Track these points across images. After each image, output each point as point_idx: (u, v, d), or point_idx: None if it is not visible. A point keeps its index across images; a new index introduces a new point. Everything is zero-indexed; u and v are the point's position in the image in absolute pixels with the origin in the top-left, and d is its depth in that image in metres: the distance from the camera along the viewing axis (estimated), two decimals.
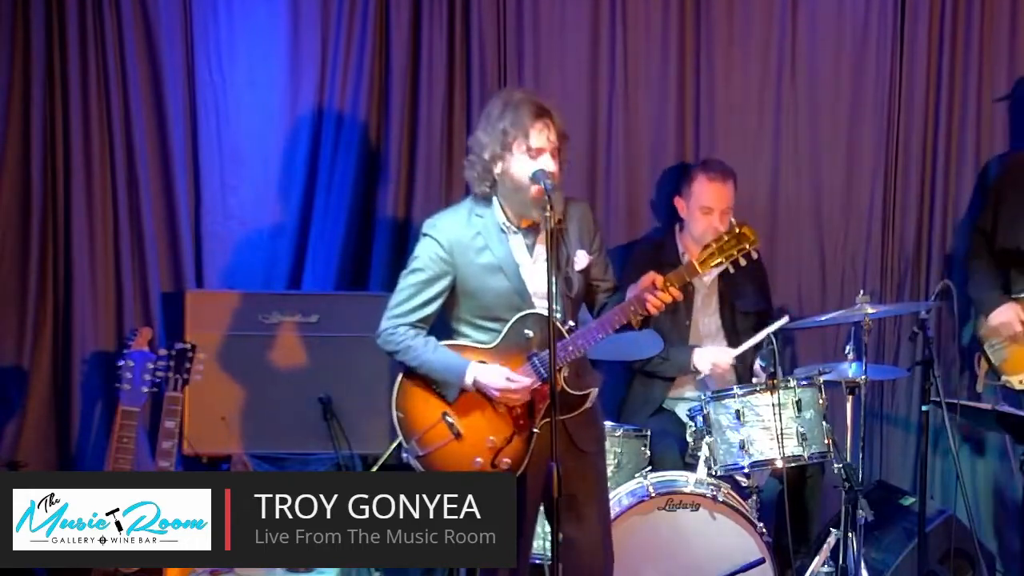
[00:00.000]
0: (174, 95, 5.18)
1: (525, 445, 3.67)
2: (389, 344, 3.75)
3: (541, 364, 3.64)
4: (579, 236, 3.74)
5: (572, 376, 3.69)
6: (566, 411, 3.65)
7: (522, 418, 3.67)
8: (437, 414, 3.72)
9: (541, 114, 3.61)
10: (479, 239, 3.68)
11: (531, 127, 3.58)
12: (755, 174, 5.30)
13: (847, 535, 4.46)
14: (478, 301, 3.69)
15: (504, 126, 3.58)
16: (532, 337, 3.66)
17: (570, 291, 3.68)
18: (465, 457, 3.69)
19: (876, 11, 5.29)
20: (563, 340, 3.61)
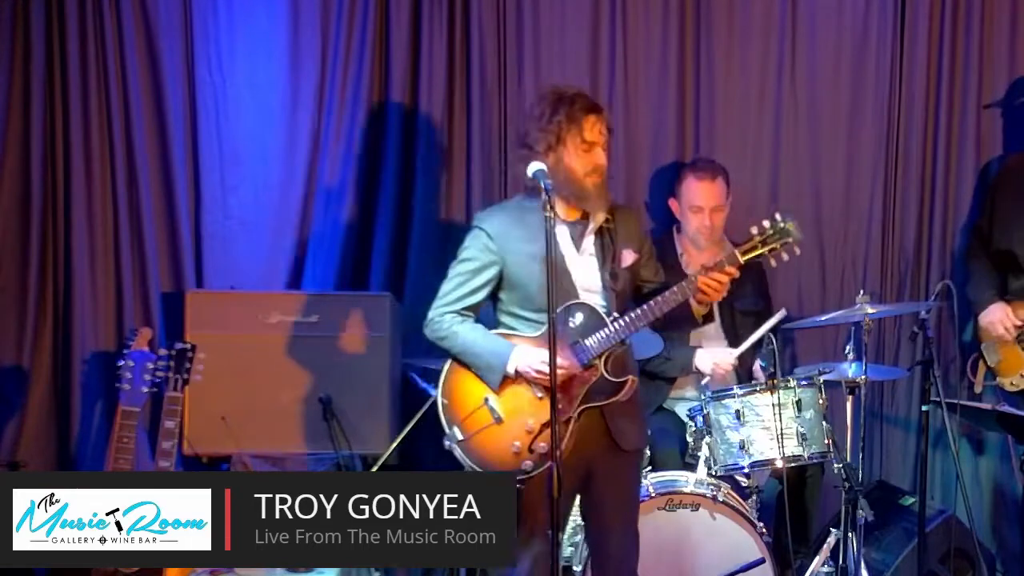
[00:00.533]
0: (174, 95, 5.18)
1: (562, 430, 3.71)
2: (436, 331, 3.83)
3: (583, 350, 3.71)
4: (627, 237, 3.84)
5: (612, 363, 3.76)
6: (603, 397, 3.74)
7: (560, 403, 3.70)
8: (480, 399, 3.77)
9: (594, 109, 3.74)
10: (526, 229, 3.73)
11: (585, 121, 3.70)
12: (755, 174, 5.30)
13: (847, 535, 4.46)
14: (524, 292, 3.75)
15: (559, 119, 3.68)
16: (576, 326, 3.74)
17: (615, 285, 3.77)
18: (504, 441, 3.73)
19: (876, 11, 5.29)
20: (605, 327, 3.71)
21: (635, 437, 3.89)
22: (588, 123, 3.70)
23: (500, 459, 3.74)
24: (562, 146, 3.70)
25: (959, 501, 4.73)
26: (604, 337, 3.70)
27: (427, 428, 4.90)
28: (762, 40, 5.30)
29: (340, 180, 5.24)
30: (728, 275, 3.69)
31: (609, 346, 3.72)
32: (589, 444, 3.76)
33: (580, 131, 3.70)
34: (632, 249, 3.83)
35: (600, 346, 3.71)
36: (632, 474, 3.91)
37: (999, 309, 4.96)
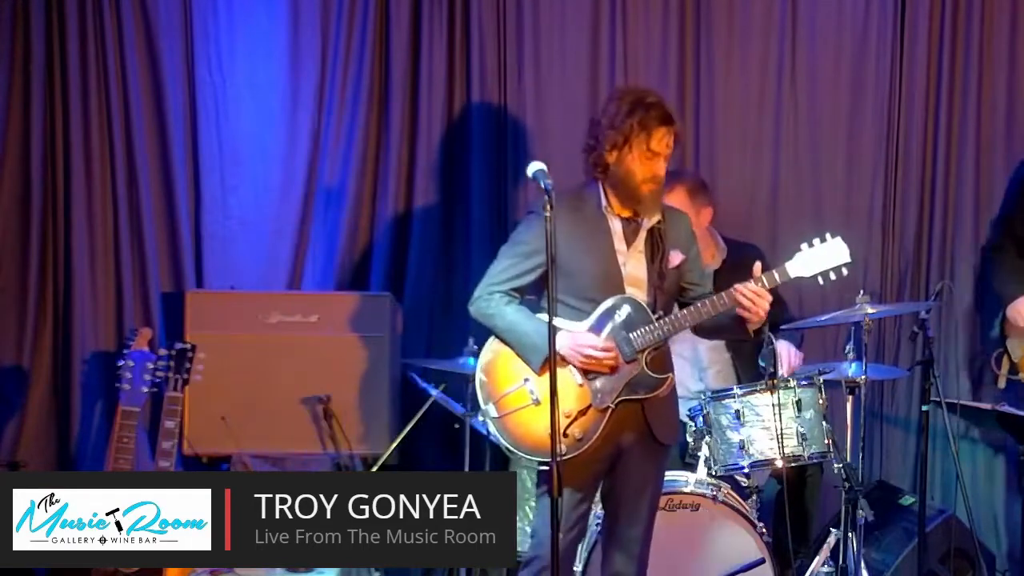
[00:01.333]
0: (174, 95, 5.18)
1: (599, 419, 3.74)
2: (483, 309, 3.85)
3: (627, 344, 3.74)
4: (676, 239, 3.87)
5: (654, 359, 3.79)
6: (643, 392, 3.77)
7: (600, 392, 3.75)
8: (519, 379, 3.79)
9: (668, 122, 3.74)
10: (583, 222, 3.77)
11: (656, 130, 3.71)
12: (755, 174, 5.30)
13: (847, 535, 4.46)
14: (573, 280, 3.76)
15: (633, 122, 3.70)
16: (623, 319, 3.76)
17: (661, 284, 3.80)
18: (539, 423, 3.73)
19: (876, 11, 5.29)
20: (650, 323, 3.74)
21: (671, 431, 3.92)
22: (658, 134, 3.72)
23: (534, 440, 3.74)
24: (627, 148, 3.72)
25: (959, 501, 4.73)
26: (649, 333, 3.74)
27: (427, 428, 4.92)
28: (762, 40, 5.30)
29: (340, 180, 5.24)
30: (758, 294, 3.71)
31: (653, 342, 3.75)
32: (624, 431, 3.79)
33: (648, 139, 3.71)
34: (680, 251, 3.86)
35: (644, 341, 3.74)
36: (661, 466, 3.93)
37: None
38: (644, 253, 3.80)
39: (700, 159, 5.27)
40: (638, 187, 3.74)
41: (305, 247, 5.26)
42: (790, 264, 3.80)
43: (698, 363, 4.90)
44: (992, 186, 5.31)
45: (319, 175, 5.25)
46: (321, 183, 5.25)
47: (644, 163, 3.72)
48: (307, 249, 5.26)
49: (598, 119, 3.80)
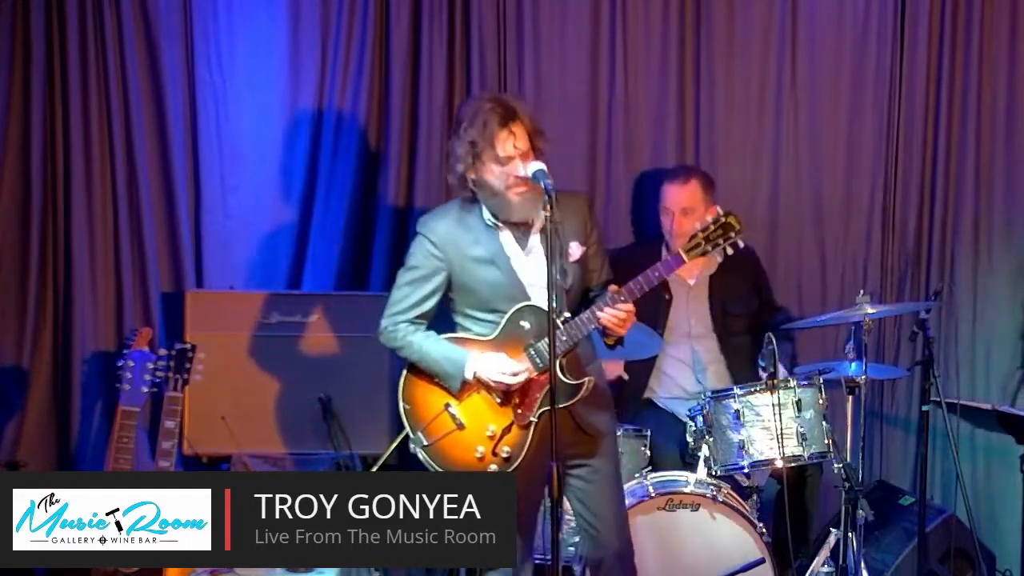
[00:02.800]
0: (174, 95, 5.18)
1: (524, 434, 3.72)
2: (391, 341, 3.83)
3: (538, 355, 3.70)
4: (574, 229, 3.77)
5: (569, 364, 3.72)
6: (563, 400, 3.68)
7: (520, 407, 3.73)
8: (440, 405, 3.77)
9: (506, 121, 3.63)
10: (469, 234, 3.74)
11: (496, 137, 3.61)
12: (755, 174, 5.30)
13: (847, 535, 4.46)
14: (474, 295, 3.75)
15: (472, 137, 3.63)
16: (529, 328, 3.72)
17: (565, 282, 3.71)
18: (468, 446, 3.74)
19: (876, 11, 5.29)
20: (557, 330, 3.61)
21: (605, 424, 3.86)
22: (500, 138, 3.61)
23: (465, 464, 3.74)
24: (479, 161, 3.65)
25: (959, 501, 4.73)
26: (556, 338, 3.58)
27: None
28: (762, 40, 5.30)
29: (340, 180, 5.24)
30: (626, 312, 3.64)
31: (562, 349, 3.66)
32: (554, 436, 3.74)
33: (493, 148, 3.62)
34: (579, 242, 3.78)
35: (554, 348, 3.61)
36: (608, 455, 3.87)
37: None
38: (542, 253, 3.65)
39: (700, 160, 5.27)
40: (504, 194, 3.66)
41: (305, 247, 5.26)
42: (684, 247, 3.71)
43: (696, 364, 4.90)
44: (992, 186, 5.31)
45: (319, 175, 5.25)
46: (321, 183, 5.24)
47: (499, 171, 3.64)
48: (307, 249, 5.26)
49: (449, 143, 3.74)
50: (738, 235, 3.73)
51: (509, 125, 3.63)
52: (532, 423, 3.72)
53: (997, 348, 5.32)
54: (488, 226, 3.75)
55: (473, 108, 3.68)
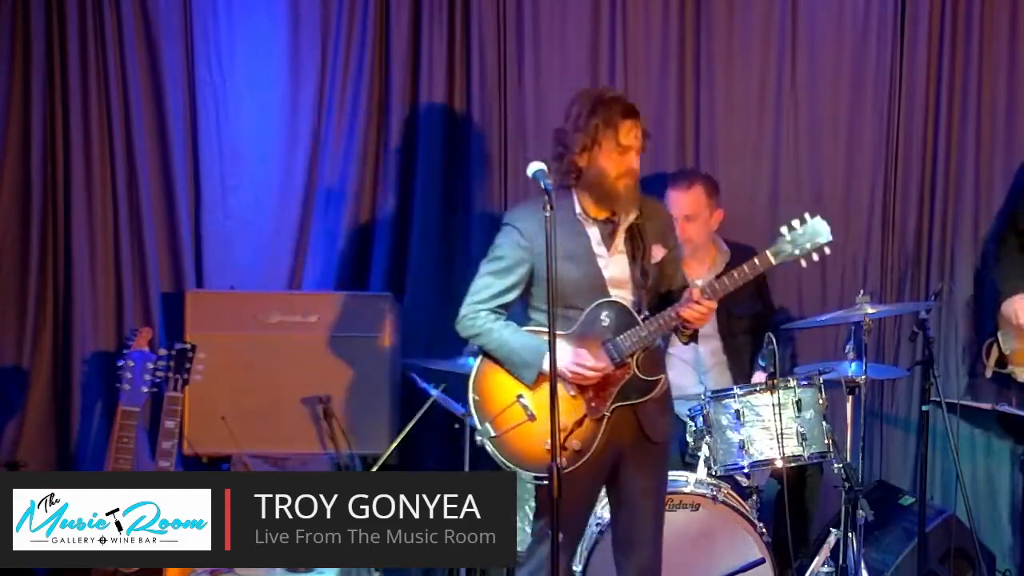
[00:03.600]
0: (174, 95, 5.18)
1: (596, 428, 3.74)
2: (470, 329, 3.84)
3: (615, 349, 3.73)
4: (655, 232, 3.86)
5: (645, 362, 3.78)
6: (636, 396, 3.76)
7: (594, 401, 3.74)
8: (512, 396, 3.78)
9: (631, 114, 3.75)
10: (558, 228, 3.71)
11: (621, 125, 3.72)
12: (755, 174, 5.30)
13: (847, 535, 4.46)
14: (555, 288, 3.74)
15: (597, 121, 3.71)
16: (608, 324, 3.75)
17: (645, 282, 3.79)
18: (537, 438, 3.73)
19: (876, 11, 5.28)
20: (636, 326, 3.73)
21: (664, 429, 3.92)
22: (624, 127, 3.72)
23: (532, 456, 3.73)
24: (597, 147, 3.72)
25: (959, 501, 4.73)
26: (635, 336, 3.73)
27: (427, 428, 4.92)
28: (762, 40, 5.30)
29: (340, 180, 5.24)
30: (708, 308, 3.70)
31: (640, 345, 3.74)
32: (620, 437, 3.78)
33: (616, 135, 3.71)
34: (661, 244, 3.85)
35: (632, 345, 3.73)
36: (661, 463, 3.93)
37: (1021, 299, 4.95)
38: (625, 253, 3.79)
39: (700, 160, 5.27)
40: (613, 184, 3.73)
41: (305, 247, 5.27)
42: (772, 251, 3.76)
43: (699, 366, 4.90)
44: (992, 186, 5.31)
45: (319, 175, 5.25)
46: (321, 183, 5.25)
47: (616, 159, 3.71)
48: (307, 249, 5.27)
49: (562, 127, 3.80)
50: (826, 243, 3.76)
51: (632, 118, 3.74)
52: (605, 417, 3.74)
53: None
54: (577, 221, 3.78)
55: (593, 98, 3.76)
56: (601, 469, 3.79)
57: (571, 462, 3.70)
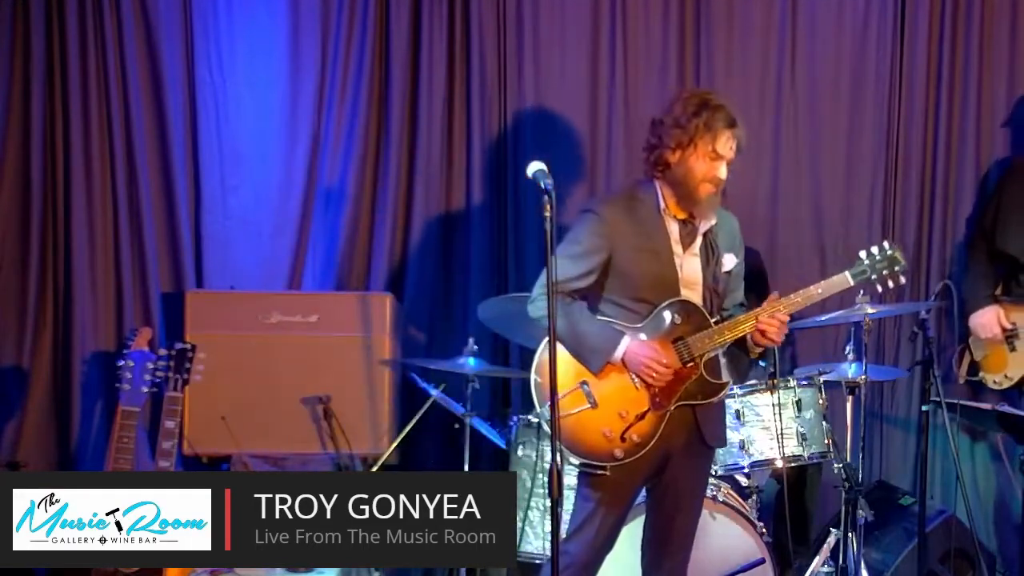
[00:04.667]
0: (174, 95, 5.18)
1: (657, 423, 3.71)
2: (541, 309, 3.70)
3: (687, 349, 3.71)
4: (727, 242, 3.84)
5: (713, 365, 3.78)
6: (700, 397, 3.74)
7: (659, 396, 3.71)
8: (575, 381, 3.73)
9: (734, 125, 3.71)
10: (637, 222, 3.75)
11: (721, 133, 3.69)
12: (756, 174, 5.30)
13: (847, 535, 4.46)
14: (629, 281, 3.73)
15: (699, 123, 3.67)
16: (679, 323, 3.73)
17: (716, 287, 3.79)
18: (596, 426, 3.70)
19: (876, 11, 5.29)
20: (708, 328, 3.72)
21: (720, 435, 3.90)
22: (724, 136, 3.68)
23: (590, 443, 3.70)
24: (692, 147, 3.69)
25: (959, 501, 4.73)
26: (708, 337, 3.71)
27: (427, 428, 4.92)
28: (762, 40, 5.30)
29: (340, 180, 5.24)
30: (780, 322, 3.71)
31: (712, 347, 3.72)
32: (673, 436, 3.75)
33: (714, 140, 3.68)
34: (733, 254, 3.83)
35: (704, 347, 3.71)
36: (707, 467, 3.92)
37: (991, 312, 4.98)
38: (699, 256, 3.77)
39: None
40: (697, 187, 3.70)
41: (305, 247, 5.27)
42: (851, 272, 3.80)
43: None
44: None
45: (319, 175, 5.25)
46: (321, 183, 5.25)
47: (707, 163, 3.69)
48: (307, 249, 5.27)
49: (661, 118, 3.76)
50: (903, 272, 3.80)
51: (733, 129, 3.70)
52: (668, 412, 3.72)
53: None
54: (658, 215, 3.76)
55: (700, 99, 3.72)
56: (650, 464, 3.74)
57: (629, 454, 3.68)
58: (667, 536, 3.86)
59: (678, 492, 3.81)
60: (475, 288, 5.22)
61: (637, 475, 3.74)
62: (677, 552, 3.86)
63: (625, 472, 3.68)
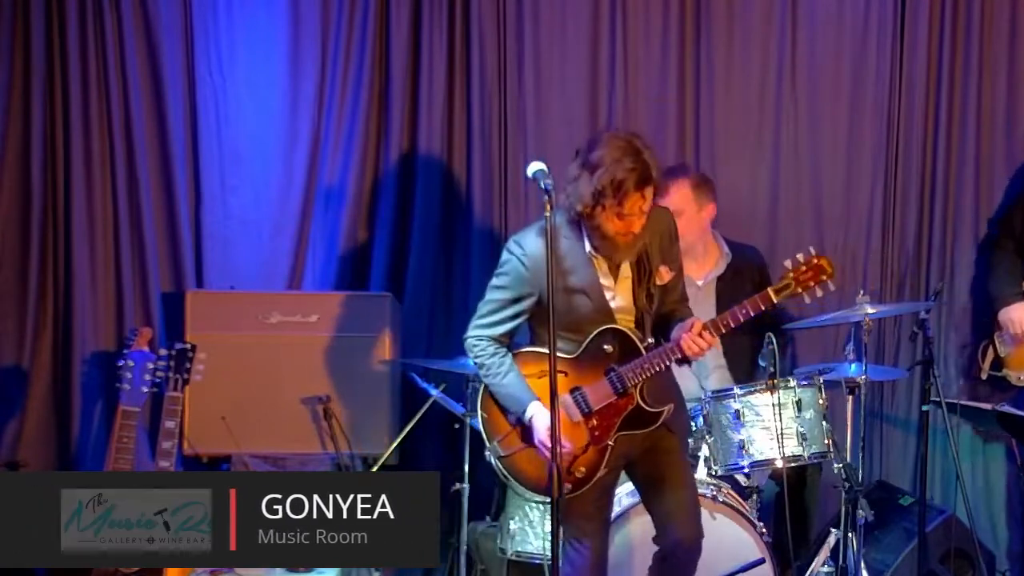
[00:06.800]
0: (174, 95, 5.18)
1: (600, 456, 3.72)
2: (473, 355, 3.81)
3: (618, 379, 3.70)
4: (661, 247, 3.76)
5: (649, 392, 3.73)
6: (641, 426, 3.72)
7: (598, 430, 3.72)
8: (514, 420, 3.77)
9: (641, 185, 3.55)
10: (565, 261, 3.69)
11: (628, 197, 3.55)
12: (755, 175, 5.30)
13: (847, 535, 4.46)
14: (561, 318, 3.65)
15: (602, 186, 3.53)
16: (611, 352, 3.72)
17: (650, 306, 3.74)
18: (542, 463, 3.70)
19: (876, 11, 5.29)
20: (640, 357, 3.68)
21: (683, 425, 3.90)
22: (632, 199, 3.55)
23: (538, 480, 3.73)
24: (599, 207, 3.57)
25: (959, 501, 4.73)
26: (637, 367, 3.68)
27: (427, 428, 4.92)
28: (762, 41, 5.30)
29: (340, 180, 5.24)
30: (708, 343, 3.65)
31: (643, 376, 3.69)
32: (631, 447, 3.75)
33: (620, 205, 3.55)
34: (667, 264, 3.77)
35: (635, 376, 3.68)
36: (680, 445, 3.88)
37: (1020, 308, 4.96)
38: (631, 278, 3.72)
39: (700, 160, 5.27)
40: (612, 239, 3.62)
41: (305, 247, 5.27)
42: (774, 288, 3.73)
43: (701, 370, 4.88)
44: (992, 186, 5.31)
45: (319, 175, 5.25)
46: (321, 183, 5.25)
47: (615, 222, 3.59)
48: (307, 249, 5.27)
49: (575, 167, 3.62)
50: (830, 279, 3.71)
51: (643, 190, 3.56)
52: (608, 446, 3.72)
53: None
54: (585, 254, 3.70)
55: (612, 156, 3.54)
56: (611, 475, 3.75)
57: (579, 485, 3.70)
58: (666, 512, 3.84)
59: (657, 478, 3.81)
60: (475, 288, 5.21)
61: (599, 487, 3.73)
62: (685, 526, 3.84)
63: (583, 501, 3.69)
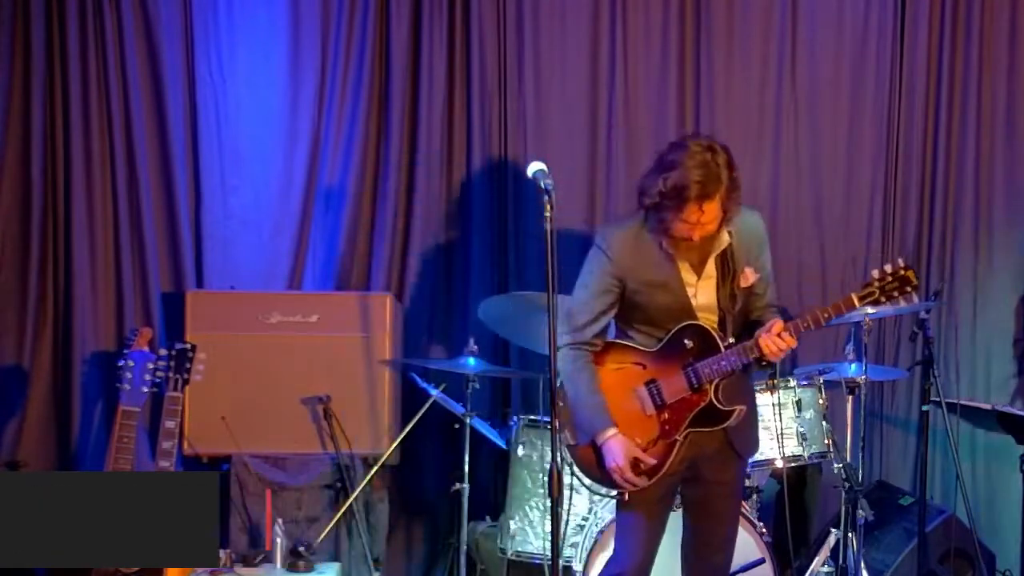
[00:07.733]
0: (174, 95, 5.18)
1: (667, 450, 3.70)
2: (563, 361, 3.75)
3: (694, 374, 3.68)
4: (749, 251, 3.75)
5: (726, 389, 3.71)
6: (711, 424, 3.70)
7: (668, 424, 3.71)
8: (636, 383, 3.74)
9: (702, 200, 3.52)
10: (647, 257, 3.69)
11: (686, 205, 3.53)
12: (756, 175, 5.30)
13: (847, 535, 4.46)
14: (643, 312, 3.71)
15: (667, 188, 3.53)
16: (691, 347, 3.70)
17: (732, 306, 3.72)
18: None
19: (876, 11, 5.29)
20: (718, 354, 3.66)
21: (751, 444, 3.87)
22: (689, 209, 3.52)
23: (603, 473, 3.71)
24: (664, 211, 3.57)
25: (959, 501, 4.73)
26: (715, 364, 3.66)
27: (427, 428, 4.92)
28: (762, 41, 5.31)
29: (340, 180, 5.24)
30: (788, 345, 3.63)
31: (720, 373, 3.67)
32: (702, 448, 3.73)
33: (680, 212, 3.54)
34: (752, 267, 3.74)
35: (711, 373, 3.66)
36: (739, 473, 3.87)
37: None
38: (715, 277, 3.69)
39: None
40: (674, 239, 3.62)
41: (305, 247, 5.27)
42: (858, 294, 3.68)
43: None
44: (992, 186, 5.32)
45: (319, 175, 5.25)
46: (321, 183, 5.25)
47: (678, 224, 3.58)
48: (307, 249, 5.27)
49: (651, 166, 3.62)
50: (915, 291, 3.67)
51: (703, 203, 3.54)
52: (677, 442, 3.70)
53: (997, 348, 5.32)
54: (664, 251, 3.69)
55: (684, 162, 3.52)
56: (675, 478, 3.74)
57: (649, 475, 3.67)
58: (702, 539, 3.83)
59: (709, 498, 3.79)
60: (475, 288, 5.22)
61: (662, 488, 3.72)
62: (715, 554, 3.83)
63: (647, 498, 3.68)
